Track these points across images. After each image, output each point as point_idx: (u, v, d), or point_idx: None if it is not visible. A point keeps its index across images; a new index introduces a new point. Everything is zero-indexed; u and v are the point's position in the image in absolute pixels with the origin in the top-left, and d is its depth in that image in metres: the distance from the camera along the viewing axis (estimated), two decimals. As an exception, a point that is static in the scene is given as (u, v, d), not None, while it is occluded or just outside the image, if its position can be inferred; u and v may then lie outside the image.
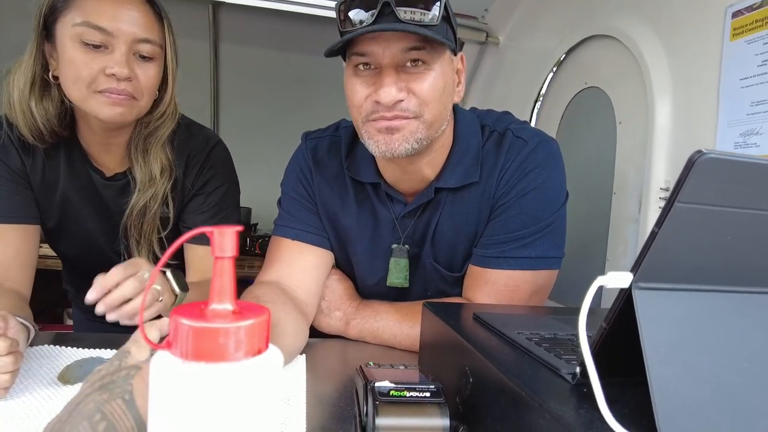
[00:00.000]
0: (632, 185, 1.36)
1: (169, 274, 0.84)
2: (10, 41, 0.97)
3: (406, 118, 0.75)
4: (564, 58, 1.74)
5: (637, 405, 0.40)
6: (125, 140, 0.94)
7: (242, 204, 2.46)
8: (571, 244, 0.88)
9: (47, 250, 1.56)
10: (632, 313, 0.39)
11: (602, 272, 0.41)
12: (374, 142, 0.78)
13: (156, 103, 0.91)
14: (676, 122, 1.21)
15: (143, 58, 0.85)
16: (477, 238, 0.88)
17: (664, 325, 0.39)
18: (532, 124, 1.88)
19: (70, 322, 2.37)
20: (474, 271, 0.88)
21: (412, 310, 0.87)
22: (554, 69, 1.78)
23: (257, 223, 2.35)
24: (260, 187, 2.35)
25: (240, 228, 0.27)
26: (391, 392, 0.50)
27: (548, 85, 1.84)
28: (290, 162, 0.99)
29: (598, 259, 1.45)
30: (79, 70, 0.80)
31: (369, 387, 0.51)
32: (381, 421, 0.48)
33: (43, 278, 1.43)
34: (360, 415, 0.53)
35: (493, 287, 0.85)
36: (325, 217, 0.95)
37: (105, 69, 0.80)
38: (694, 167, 0.35)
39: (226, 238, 0.27)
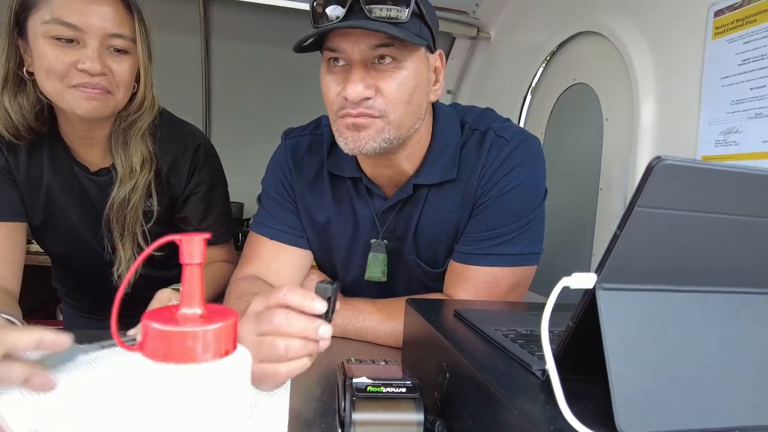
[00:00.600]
0: (618, 181, 1.38)
1: None
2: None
3: (371, 116, 0.75)
4: (553, 54, 1.75)
5: (601, 401, 0.42)
6: (106, 134, 0.95)
7: (234, 199, 2.48)
8: (558, 239, 0.90)
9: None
10: (597, 312, 0.41)
11: (588, 267, 0.43)
12: (343, 139, 0.78)
13: (133, 96, 0.91)
14: (660, 120, 1.22)
15: (117, 51, 0.85)
16: (458, 235, 0.90)
17: (626, 324, 0.41)
18: (522, 119, 1.90)
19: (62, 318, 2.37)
20: (455, 268, 0.90)
21: (395, 308, 0.88)
22: (544, 64, 1.80)
23: (249, 219, 2.36)
24: (252, 182, 2.35)
25: (207, 235, 0.28)
26: (368, 388, 0.52)
27: (538, 81, 1.85)
28: (271, 160, 1.00)
29: (585, 254, 1.47)
30: (51, 65, 0.80)
31: (347, 383, 0.52)
32: (357, 416, 0.50)
33: (36, 274, 1.44)
34: (339, 410, 0.55)
35: (473, 283, 0.86)
36: (305, 216, 0.96)
37: (77, 64, 0.81)
38: (653, 173, 0.37)
39: (194, 246, 0.28)
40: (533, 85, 1.85)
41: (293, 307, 0.57)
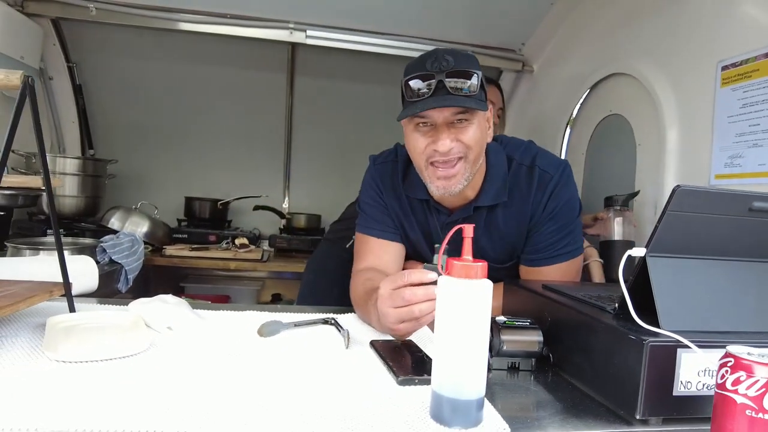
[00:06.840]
0: (650, 196, 1.69)
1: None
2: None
3: (459, 158, 1.04)
4: (590, 89, 2.05)
5: (651, 322, 0.75)
6: None
7: (312, 212, 2.86)
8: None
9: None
10: (647, 273, 0.74)
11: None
12: (435, 187, 1.07)
13: None
14: (682, 146, 1.54)
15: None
16: (515, 249, 1.19)
17: (666, 275, 0.74)
18: (564, 146, 2.20)
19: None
20: (529, 272, 1.18)
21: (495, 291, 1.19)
22: (583, 97, 2.09)
23: (325, 228, 2.72)
24: (326, 198, 2.73)
25: (473, 225, 0.64)
26: (506, 322, 0.86)
27: (578, 111, 2.14)
28: (365, 179, 1.29)
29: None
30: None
31: (493, 320, 0.86)
32: (504, 337, 0.84)
33: (169, 272, 1.80)
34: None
35: (550, 279, 1.15)
36: (397, 223, 1.25)
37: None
38: (675, 194, 0.71)
39: (468, 229, 0.63)
40: (574, 115, 2.15)
41: (415, 283, 0.83)
